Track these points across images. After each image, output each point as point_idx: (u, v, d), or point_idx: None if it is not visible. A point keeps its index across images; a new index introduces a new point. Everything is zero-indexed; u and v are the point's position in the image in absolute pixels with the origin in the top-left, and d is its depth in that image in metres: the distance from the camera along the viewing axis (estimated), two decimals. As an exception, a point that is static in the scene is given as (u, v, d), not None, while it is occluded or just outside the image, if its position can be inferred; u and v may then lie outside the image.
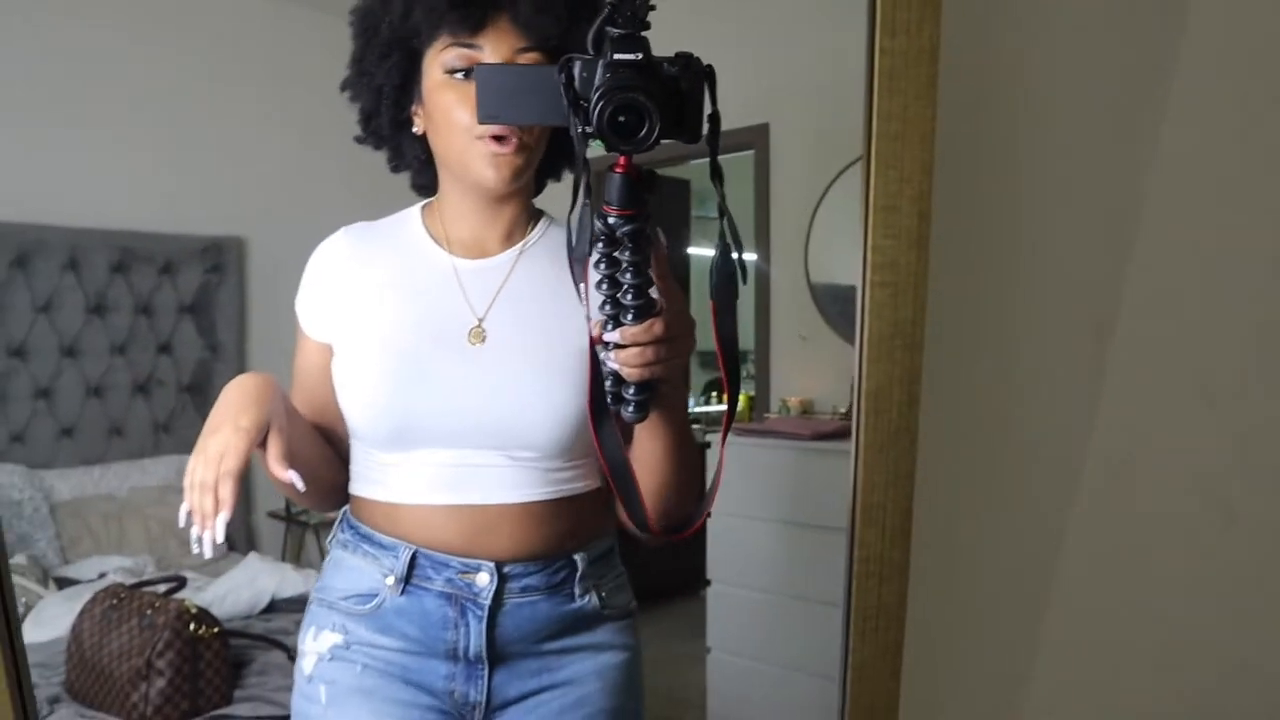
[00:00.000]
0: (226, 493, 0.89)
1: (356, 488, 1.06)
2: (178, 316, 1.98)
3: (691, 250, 0.94)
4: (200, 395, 1.94)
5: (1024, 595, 1.29)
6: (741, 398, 1.84)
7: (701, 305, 0.93)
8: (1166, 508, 1.26)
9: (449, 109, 0.99)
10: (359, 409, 1.01)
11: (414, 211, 1.09)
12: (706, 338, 0.92)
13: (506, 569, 1.01)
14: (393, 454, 1.01)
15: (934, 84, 0.95)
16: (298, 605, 1.59)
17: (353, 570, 1.05)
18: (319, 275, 1.07)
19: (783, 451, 1.77)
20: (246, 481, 1.04)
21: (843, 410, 1.74)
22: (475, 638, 1.02)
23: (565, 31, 0.99)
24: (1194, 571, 1.27)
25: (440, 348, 1.01)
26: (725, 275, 0.87)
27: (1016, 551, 1.28)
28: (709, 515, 0.95)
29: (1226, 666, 1.28)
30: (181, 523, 0.91)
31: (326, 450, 1.08)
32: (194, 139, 1.91)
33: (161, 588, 1.65)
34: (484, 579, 1.00)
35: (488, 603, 1.01)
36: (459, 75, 0.99)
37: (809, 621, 1.73)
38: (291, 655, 1.53)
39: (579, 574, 1.04)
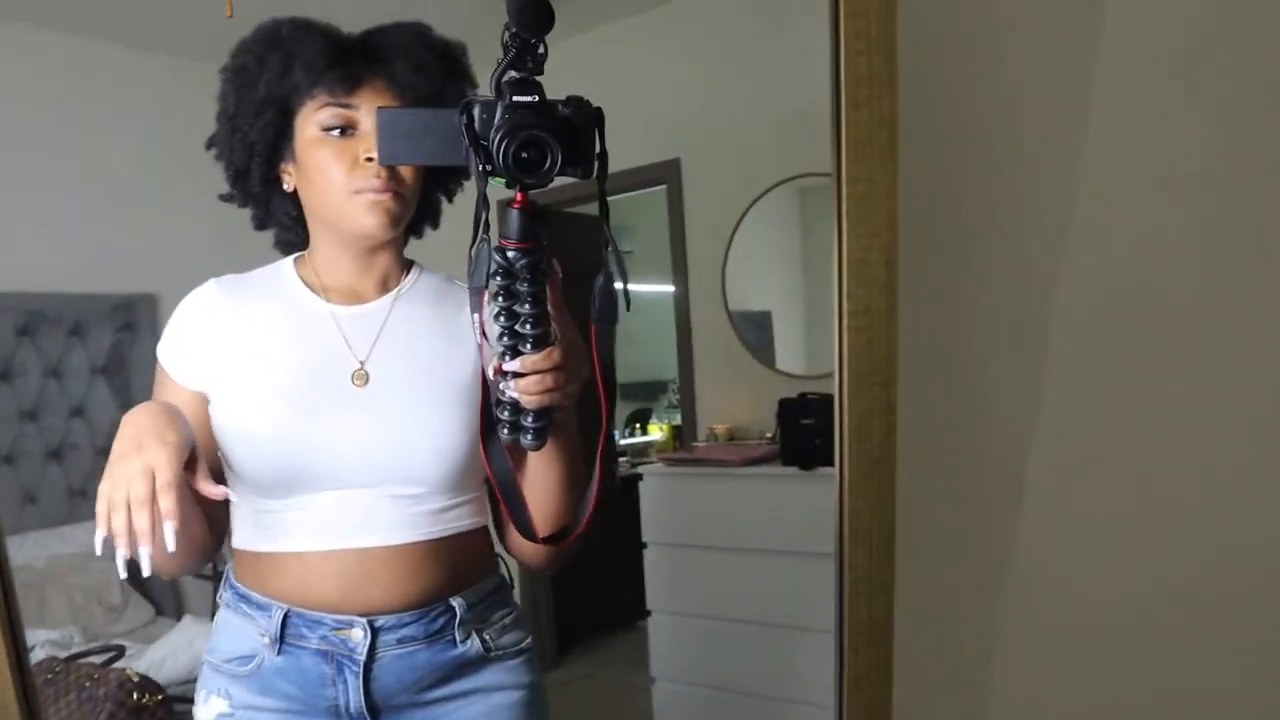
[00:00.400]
0: (170, 503, 0.85)
1: (239, 540, 1.06)
2: (90, 378, 1.93)
3: (634, 287, 0.98)
4: (118, 457, 1.89)
5: (993, 593, 1.35)
6: (665, 428, 1.85)
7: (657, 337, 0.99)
8: (1112, 509, 1.32)
9: (324, 165, 1.02)
10: (244, 453, 1.01)
11: (286, 263, 1.11)
12: (628, 371, 0.96)
13: (380, 622, 1.02)
14: (277, 500, 1.01)
15: (895, 148, 1.05)
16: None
17: (235, 630, 1.05)
18: (191, 323, 1.06)
19: (714, 479, 1.79)
20: None
21: (769, 435, 1.76)
22: (354, 694, 1.02)
23: (438, 92, 1.03)
24: (1146, 567, 1.32)
25: (324, 390, 1.02)
26: (606, 299, 0.92)
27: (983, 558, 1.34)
28: (588, 524, 0.98)
29: (1190, 665, 1.33)
30: (99, 550, 0.85)
31: (198, 508, 1.04)
32: (99, 197, 1.89)
33: (98, 659, 1.61)
34: (358, 634, 1.01)
35: (363, 658, 1.02)
36: (334, 133, 1.02)
37: (751, 644, 1.75)
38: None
39: (458, 619, 1.05)
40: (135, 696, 1.48)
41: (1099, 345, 1.32)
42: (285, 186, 1.07)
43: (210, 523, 1.05)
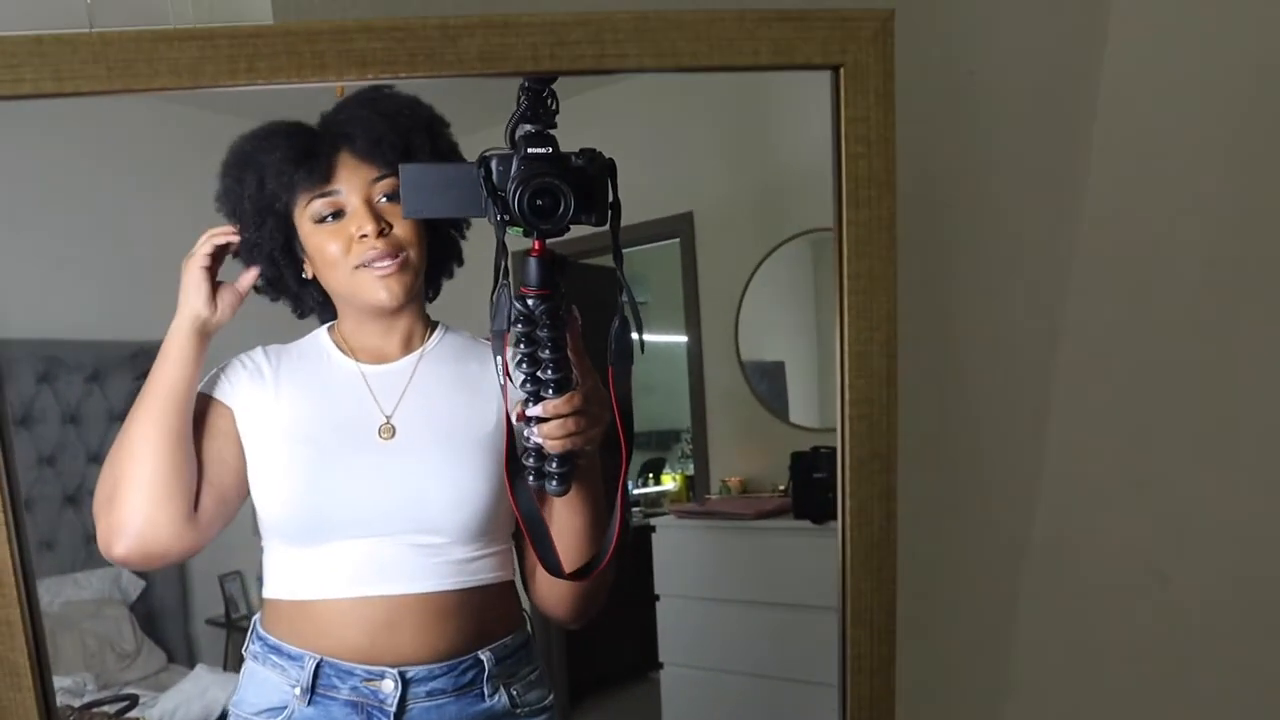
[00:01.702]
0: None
1: (270, 590, 1.08)
2: (108, 425, 1.95)
3: (649, 337, 1.01)
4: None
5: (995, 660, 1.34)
6: (679, 478, 1.85)
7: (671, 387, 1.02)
8: (1108, 578, 1.32)
9: (324, 250, 1.09)
10: (275, 503, 1.04)
11: (321, 330, 1.16)
12: (641, 421, 0.97)
13: (411, 674, 1.04)
14: (305, 548, 1.04)
15: (893, 246, 1.10)
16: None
17: (263, 682, 1.07)
18: (241, 368, 1.12)
19: (726, 532, 1.78)
20: (183, 589, 1.08)
21: (781, 487, 1.76)
22: None
23: (405, 151, 1.09)
24: (1138, 632, 1.32)
25: (352, 443, 1.07)
26: (622, 342, 0.97)
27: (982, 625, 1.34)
28: (612, 557, 0.99)
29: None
30: None
31: (192, 454, 1.11)
32: (119, 244, 1.92)
33: (111, 708, 1.61)
34: (388, 686, 1.03)
35: (394, 709, 1.04)
36: (328, 219, 1.08)
37: (765, 698, 1.73)
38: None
39: (487, 673, 1.07)
40: None
41: (1099, 430, 1.33)
42: (306, 275, 1.13)
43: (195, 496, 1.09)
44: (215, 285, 1.08)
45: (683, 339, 1.93)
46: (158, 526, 1.08)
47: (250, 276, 1.09)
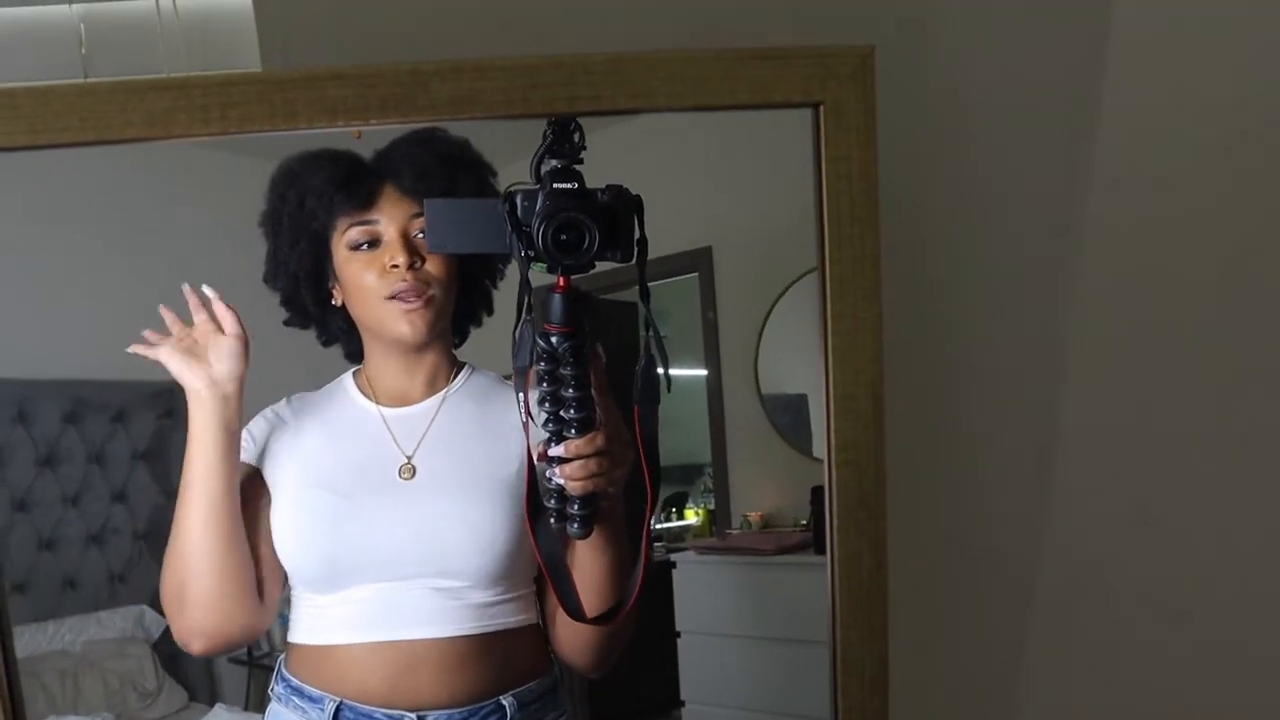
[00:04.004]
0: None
1: (293, 636, 1.09)
2: (131, 464, 1.96)
3: (676, 371, 1.01)
4: (156, 542, 1.89)
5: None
6: (701, 512, 1.85)
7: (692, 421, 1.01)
8: (1117, 616, 1.30)
9: (357, 277, 1.10)
10: (295, 549, 1.05)
11: (346, 376, 1.18)
12: (663, 455, 0.96)
13: (430, 718, 1.02)
14: (327, 594, 1.04)
15: (878, 285, 1.09)
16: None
17: None
18: (263, 422, 1.12)
19: (747, 568, 1.77)
20: None
21: (803, 521, 1.75)
22: None
23: (449, 191, 1.10)
24: (1149, 674, 1.30)
25: (372, 485, 1.07)
26: (648, 381, 0.96)
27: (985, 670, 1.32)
28: (635, 604, 0.98)
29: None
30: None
31: (247, 545, 1.12)
32: (141, 287, 1.93)
33: (129, 749, 1.60)
34: None
35: None
36: (363, 248, 1.09)
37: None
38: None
39: (509, 718, 1.05)
40: None
41: (1098, 467, 1.32)
42: (335, 302, 1.14)
43: (259, 587, 1.08)
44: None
45: (702, 373, 1.94)
46: (232, 623, 1.11)
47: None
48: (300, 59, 1.18)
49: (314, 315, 1.20)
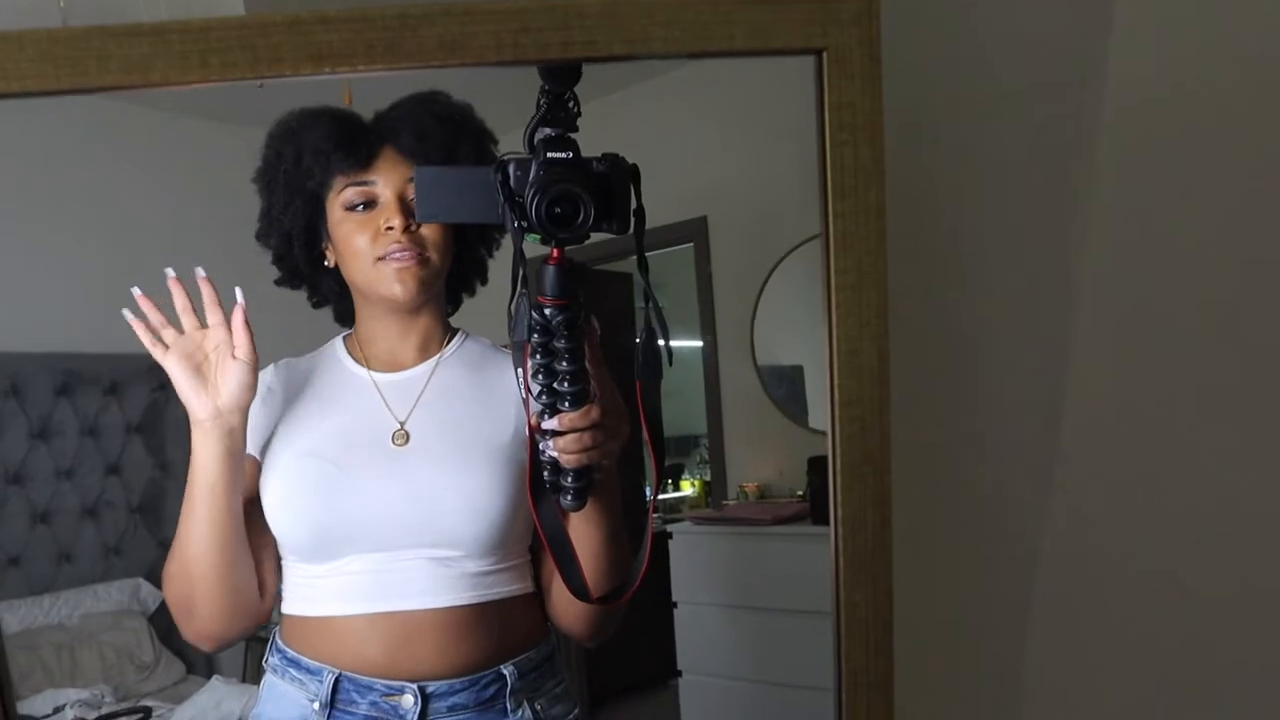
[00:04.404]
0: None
1: (287, 607, 1.08)
2: (125, 437, 1.95)
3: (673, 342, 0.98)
4: (151, 515, 1.90)
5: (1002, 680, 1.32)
6: (698, 484, 1.84)
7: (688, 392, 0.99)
8: (1126, 589, 1.30)
9: (350, 238, 1.08)
10: (287, 520, 1.04)
11: (336, 340, 1.16)
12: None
13: (431, 689, 1.02)
14: (320, 564, 1.03)
15: (883, 237, 1.04)
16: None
17: (283, 696, 1.06)
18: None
19: (744, 538, 1.77)
20: None
21: (800, 492, 1.75)
22: None
23: (449, 156, 1.08)
24: (1156, 644, 1.30)
25: (365, 452, 1.05)
26: (650, 355, 0.93)
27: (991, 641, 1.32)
28: (641, 583, 0.97)
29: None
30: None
31: (248, 546, 1.09)
32: (134, 258, 1.92)
33: (126, 720, 1.61)
34: (408, 701, 1.02)
35: None
36: (358, 209, 1.07)
37: (784, 706, 1.72)
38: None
39: (510, 688, 1.05)
40: None
41: (1105, 439, 1.31)
42: (327, 263, 1.12)
43: (260, 585, 1.07)
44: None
45: (698, 344, 1.93)
46: (239, 624, 1.10)
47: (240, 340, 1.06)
48: (284, 3, 1.15)
49: (306, 276, 1.18)
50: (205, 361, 1.03)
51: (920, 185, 1.24)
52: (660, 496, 2.08)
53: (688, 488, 2.00)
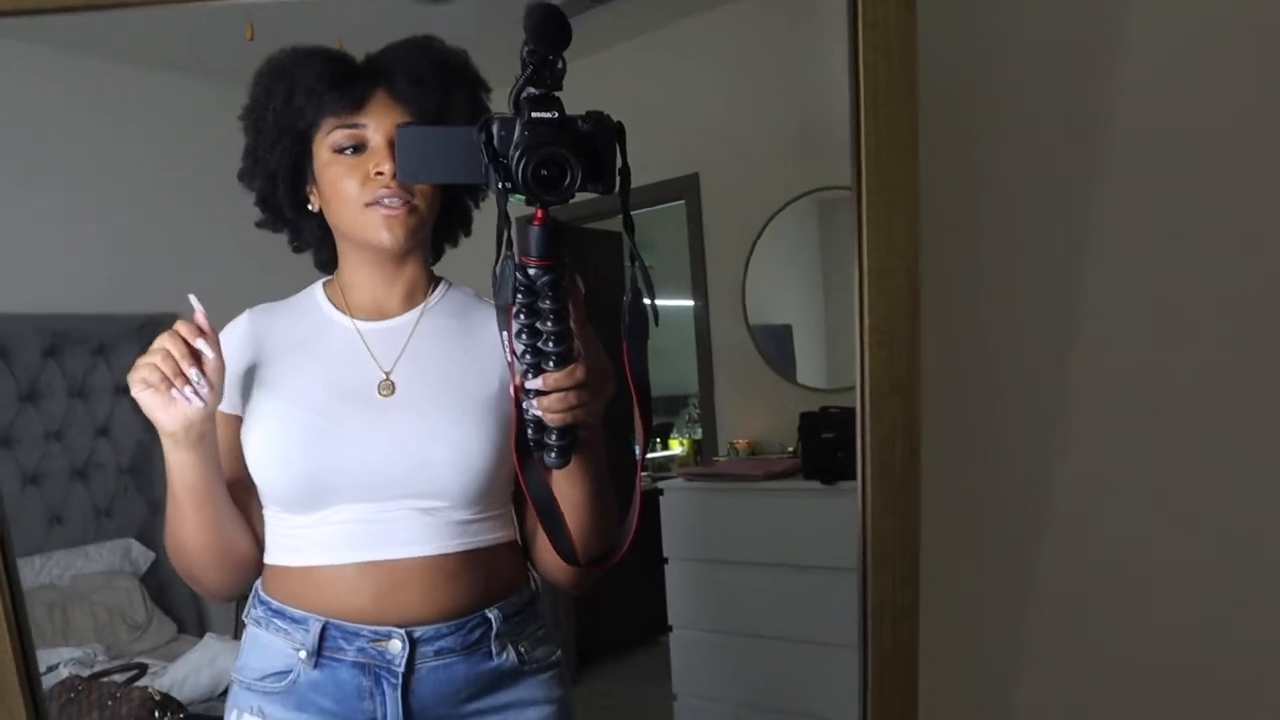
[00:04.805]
0: (203, 345, 0.97)
1: (270, 557, 1.08)
2: (114, 398, 1.94)
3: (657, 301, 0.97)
4: (141, 476, 1.90)
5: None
6: (686, 443, 1.84)
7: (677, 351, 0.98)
8: (1140, 529, 1.30)
9: (338, 182, 1.06)
10: (272, 470, 1.03)
11: (316, 286, 1.14)
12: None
13: (418, 633, 1.03)
14: (305, 515, 1.03)
15: (915, 157, 1.02)
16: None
17: (267, 648, 1.06)
18: (225, 351, 1.07)
19: (736, 494, 1.78)
20: None
21: (790, 449, 1.75)
22: (392, 706, 1.04)
23: (443, 102, 1.06)
24: (1175, 592, 1.31)
25: (350, 402, 1.05)
26: (636, 316, 0.92)
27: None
28: (629, 547, 0.97)
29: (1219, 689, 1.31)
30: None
31: (238, 513, 1.08)
32: (122, 218, 1.91)
33: (120, 677, 1.61)
34: (396, 646, 1.02)
35: (401, 669, 1.03)
36: (346, 152, 1.05)
37: (773, 659, 1.74)
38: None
39: (495, 631, 1.06)
40: (156, 715, 1.48)
41: (1128, 356, 1.30)
42: (311, 207, 1.10)
43: (256, 541, 1.07)
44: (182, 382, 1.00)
45: (689, 303, 1.92)
46: (243, 578, 1.10)
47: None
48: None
49: (289, 219, 1.14)
50: (169, 376, 0.99)
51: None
52: (649, 456, 2.09)
53: (676, 446, 1.99)
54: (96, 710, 1.50)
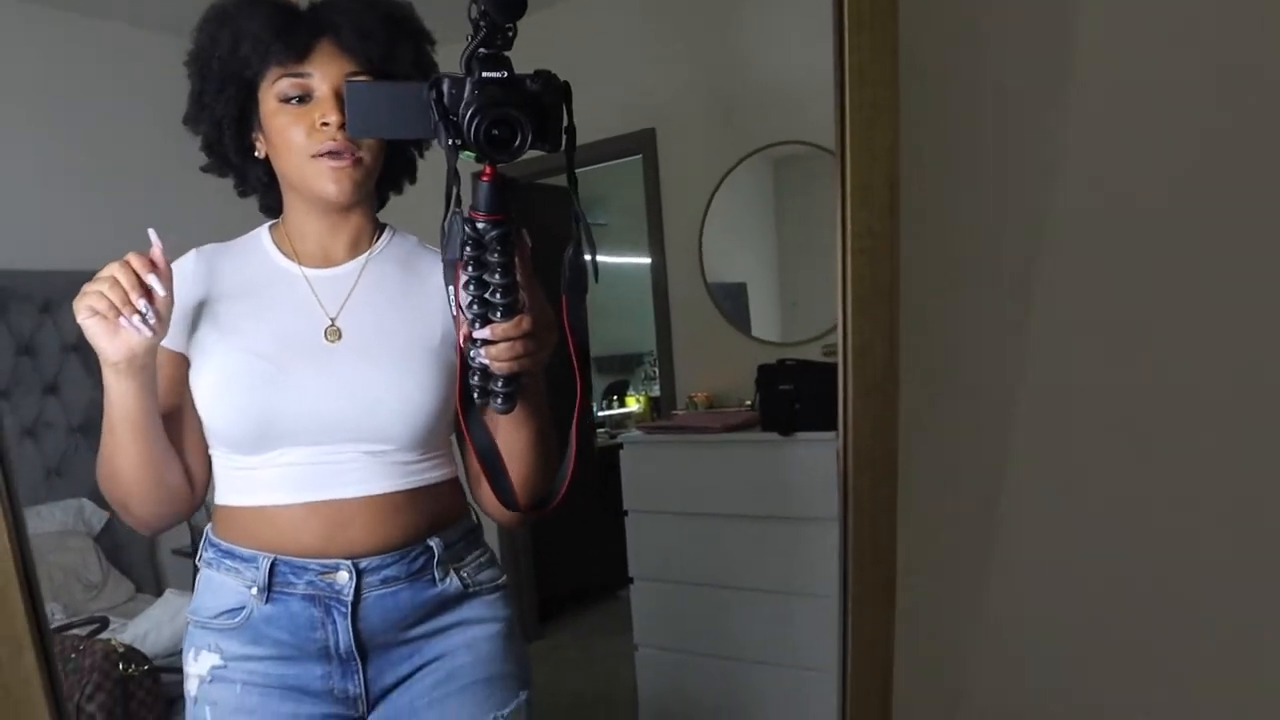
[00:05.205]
0: (154, 280, 0.95)
1: (220, 497, 1.09)
2: (62, 356, 1.92)
3: (611, 259, 0.99)
4: (93, 435, 1.88)
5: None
6: (643, 399, 1.86)
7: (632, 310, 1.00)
8: (1109, 416, 1.33)
9: (284, 131, 1.05)
10: (222, 414, 1.04)
11: (262, 230, 1.14)
12: (604, 344, 0.97)
13: (364, 564, 1.06)
14: (254, 456, 1.05)
15: (896, 74, 1.07)
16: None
17: (220, 587, 1.08)
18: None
19: (694, 446, 1.79)
20: None
21: (749, 402, 1.77)
22: (343, 634, 1.07)
23: (388, 53, 1.06)
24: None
25: (297, 348, 1.06)
26: (576, 270, 0.94)
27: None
28: (565, 493, 1.00)
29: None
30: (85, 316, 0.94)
31: (170, 446, 1.09)
32: (68, 172, 1.87)
33: (82, 630, 1.62)
34: (343, 577, 1.05)
35: (350, 599, 1.06)
36: (293, 101, 1.05)
37: (732, 608, 1.76)
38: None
39: (436, 559, 1.10)
40: (121, 667, 1.49)
41: (1100, 275, 1.32)
42: (258, 154, 1.10)
43: (187, 474, 1.08)
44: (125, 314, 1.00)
45: (645, 260, 1.91)
46: (171, 512, 1.10)
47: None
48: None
49: (234, 165, 1.16)
50: (119, 304, 0.99)
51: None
52: (606, 413, 2.10)
53: (633, 404, 2.01)
54: (60, 663, 1.50)
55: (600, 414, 1.79)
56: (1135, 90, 1.34)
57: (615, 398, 2.05)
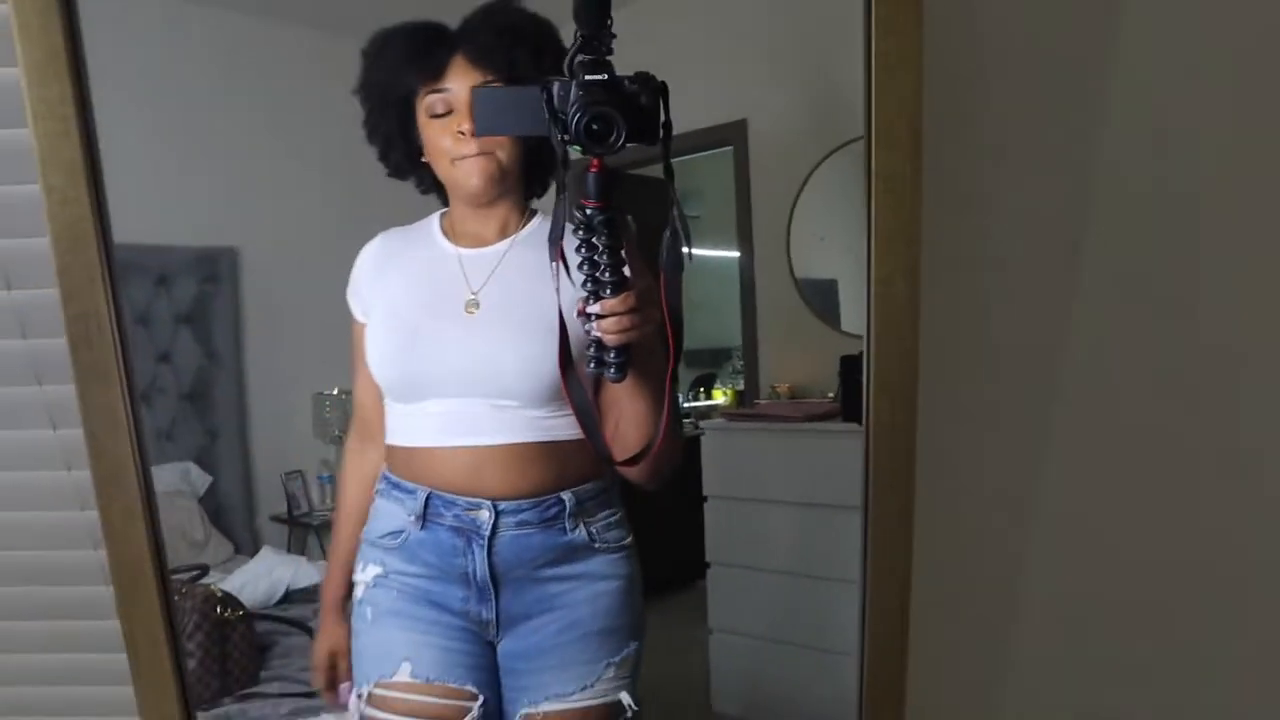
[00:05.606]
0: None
1: (389, 439, 1.26)
2: (174, 326, 2.01)
3: (701, 251, 1.10)
4: (201, 402, 1.96)
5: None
6: (729, 393, 1.87)
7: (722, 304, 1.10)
8: (1140, 394, 1.33)
9: (434, 141, 1.22)
10: (379, 369, 1.24)
11: (434, 216, 1.36)
12: (693, 338, 1.05)
13: (502, 506, 1.21)
14: (407, 404, 1.23)
15: (920, 24, 1.15)
16: (312, 595, 1.69)
17: (387, 513, 1.28)
18: (357, 268, 1.36)
19: (774, 435, 1.81)
20: (247, 486, 1.28)
21: (831, 394, 1.78)
22: (480, 564, 1.27)
23: (514, 61, 1.18)
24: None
25: (441, 316, 1.23)
26: (673, 252, 1.05)
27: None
28: (661, 447, 1.09)
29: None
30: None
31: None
32: (182, 152, 1.94)
33: (185, 575, 1.74)
34: (484, 515, 1.22)
35: (487, 534, 1.26)
36: (439, 114, 1.19)
37: (810, 598, 1.78)
38: (313, 638, 1.66)
39: (568, 510, 1.25)
40: (219, 610, 1.62)
41: (1136, 238, 1.31)
42: (425, 159, 1.23)
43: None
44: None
45: (735, 254, 1.93)
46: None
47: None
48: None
49: (408, 170, 1.32)
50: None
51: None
52: (693, 404, 2.12)
53: (719, 397, 2.03)
54: (167, 600, 1.62)
55: (686, 405, 1.80)
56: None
57: (702, 389, 2.06)
